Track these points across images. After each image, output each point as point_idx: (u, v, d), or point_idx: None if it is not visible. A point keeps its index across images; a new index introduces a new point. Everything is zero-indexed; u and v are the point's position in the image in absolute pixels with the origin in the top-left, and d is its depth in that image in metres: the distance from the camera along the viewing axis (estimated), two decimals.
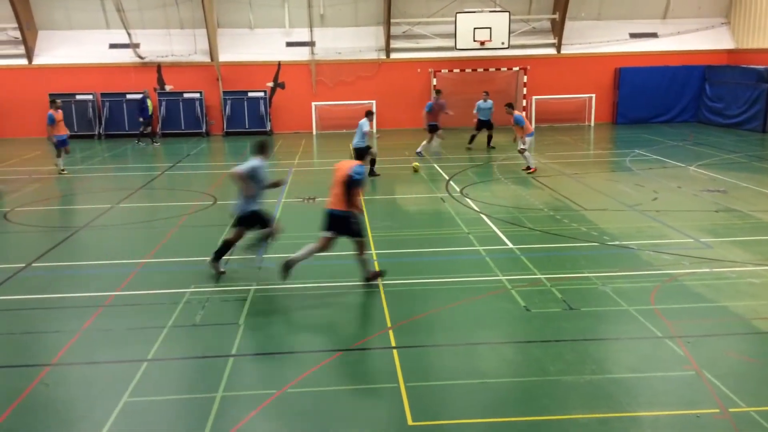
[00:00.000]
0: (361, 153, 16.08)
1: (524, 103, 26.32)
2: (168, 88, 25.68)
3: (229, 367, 6.56)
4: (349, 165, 8.77)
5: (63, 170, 17.85)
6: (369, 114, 16.26)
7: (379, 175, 16.49)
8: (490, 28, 24.79)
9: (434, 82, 26.05)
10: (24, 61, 25.67)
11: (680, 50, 26.52)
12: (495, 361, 6.72)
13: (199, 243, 11.08)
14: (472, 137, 21.04)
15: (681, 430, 5.35)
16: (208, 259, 9.42)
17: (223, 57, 25.86)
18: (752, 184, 14.47)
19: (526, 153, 16.27)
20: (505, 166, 17.43)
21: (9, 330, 7.67)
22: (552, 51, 26.76)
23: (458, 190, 14.73)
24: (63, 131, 17.93)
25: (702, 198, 13.37)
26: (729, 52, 26.53)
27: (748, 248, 10.00)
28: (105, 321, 7.80)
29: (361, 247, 8.85)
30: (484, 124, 20.93)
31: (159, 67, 25.60)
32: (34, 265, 9.99)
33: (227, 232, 10.22)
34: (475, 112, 21.13)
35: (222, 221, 12.41)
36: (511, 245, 10.46)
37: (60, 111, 18.01)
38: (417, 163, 17.45)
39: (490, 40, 24.87)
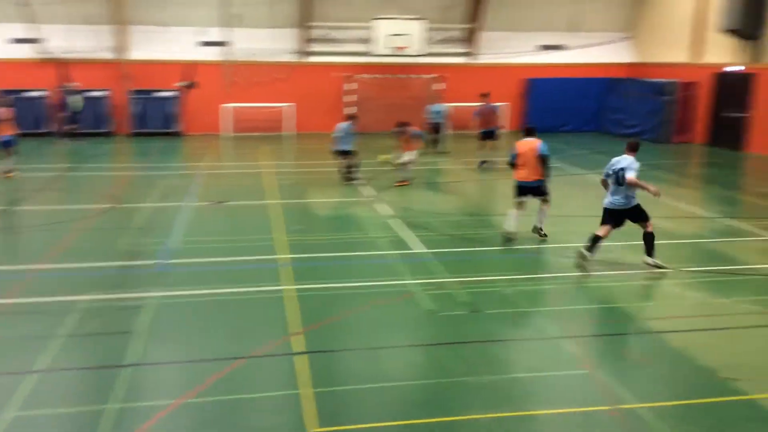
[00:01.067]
0: (344, 154, 15.95)
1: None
2: (73, 85, 24.61)
3: (125, 377, 6.34)
4: (535, 145, 10.86)
5: (9, 173, 16.02)
6: (352, 117, 16.20)
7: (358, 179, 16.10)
8: (407, 35, 25.04)
9: (352, 86, 26.10)
10: None
11: (586, 62, 27.61)
12: (401, 364, 6.78)
13: (99, 248, 10.67)
14: (434, 141, 21.24)
15: (574, 427, 5.56)
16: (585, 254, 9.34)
17: (133, 55, 25.05)
18: None
19: (410, 166, 15.98)
20: (419, 171, 17.63)
21: None
22: (467, 60, 27.32)
23: (372, 194, 14.81)
24: (7, 131, 16.10)
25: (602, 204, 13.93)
26: (631, 65, 27.83)
27: (642, 252, 10.48)
28: None
29: (548, 203, 11.06)
30: (436, 127, 21.42)
31: (63, 63, 24.49)
32: None
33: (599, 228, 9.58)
34: (427, 115, 21.54)
35: (123, 224, 12.02)
36: (421, 249, 10.59)
37: (8, 109, 16.58)
38: (385, 156, 16.46)
39: (407, 47, 25.13)
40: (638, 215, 9.49)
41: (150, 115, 24.99)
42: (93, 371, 6.54)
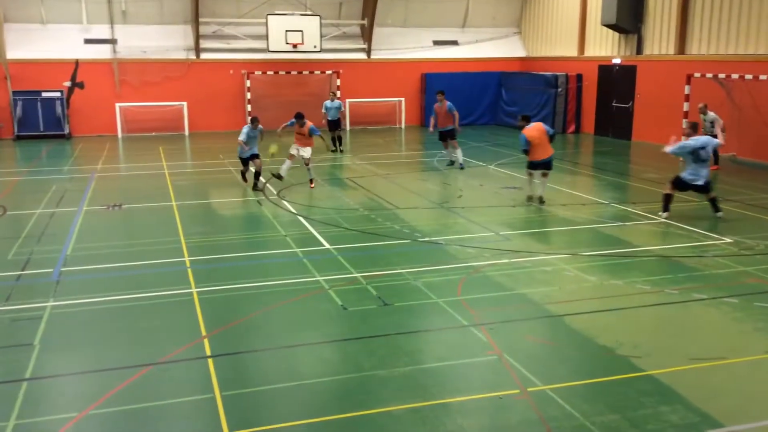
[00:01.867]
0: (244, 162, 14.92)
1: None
2: None
3: (22, 392, 5.97)
4: (542, 127, 13.14)
5: None
6: (254, 120, 15.00)
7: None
8: (301, 31, 24.88)
9: (248, 84, 25.67)
10: None
11: (479, 57, 28.39)
12: (313, 361, 6.73)
13: None
14: (333, 140, 20.52)
15: (486, 412, 5.71)
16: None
17: (12, 54, 23.58)
18: None
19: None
20: (322, 168, 17.59)
21: None
22: (363, 56, 27.45)
23: (275, 192, 14.63)
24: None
25: (501, 194, 14.39)
26: (521, 59, 28.86)
27: (541, 239, 10.93)
28: None
29: (548, 175, 13.46)
30: (334, 125, 20.75)
31: None
32: None
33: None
34: (323, 112, 20.99)
35: (14, 233, 11.32)
36: (328, 246, 10.57)
37: None
38: (274, 147, 15.06)
39: (303, 43, 24.98)
40: (709, 188, 11.83)
41: (35, 117, 23.60)
42: None
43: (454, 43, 28.57)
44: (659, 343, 7.02)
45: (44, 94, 23.69)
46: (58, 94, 23.82)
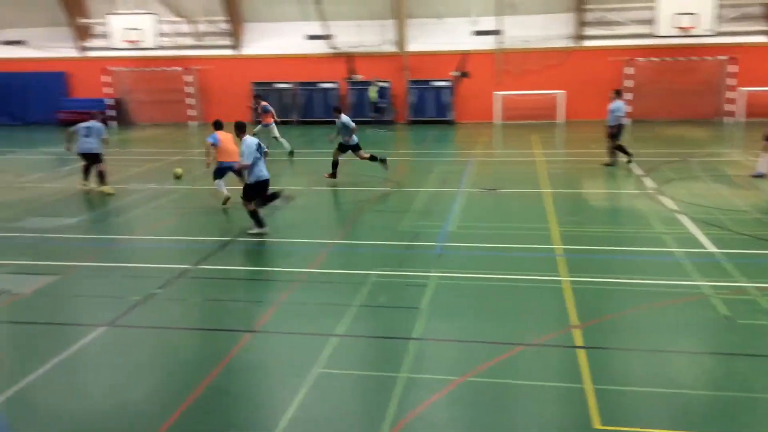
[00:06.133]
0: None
1: (730, 95, 24.20)
2: (358, 77, 26.66)
3: (410, 349, 6.72)
4: None
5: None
6: (618, 92, 16.60)
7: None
8: (695, 13, 23.00)
9: (628, 71, 24.72)
10: (232, 52, 27.89)
11: None
12: (691, 371, 6.27)
13: (383, 228, 11.43)
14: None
15: None
16: None
17: (411, 47, 26.35)
18: None
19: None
20: (706, 162, 16.14)
21: (217, 297, 8.42)
22: (764, 39, 24.30)
23: (652, 187, 13.89)
24: (230, 158, 12.38)
25: None
26: None
27: None
28: (300, 295, 8.32)
29: None
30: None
31: (350, 57, 26.63)
32: (239, 239, 10.86)
33: None
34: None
35: (403, 207, 12.72)
36: (711, 249, 9.69)
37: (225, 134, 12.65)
38: (179, 170, 13.82)
39: (695, 27, 23.08)
40: None
41: (425, 104, 26.14)
42: (383, 340, 7.05)
43: None
44: None
45: (434, 83, 26.03)
46: (446, 83, 25.95)
